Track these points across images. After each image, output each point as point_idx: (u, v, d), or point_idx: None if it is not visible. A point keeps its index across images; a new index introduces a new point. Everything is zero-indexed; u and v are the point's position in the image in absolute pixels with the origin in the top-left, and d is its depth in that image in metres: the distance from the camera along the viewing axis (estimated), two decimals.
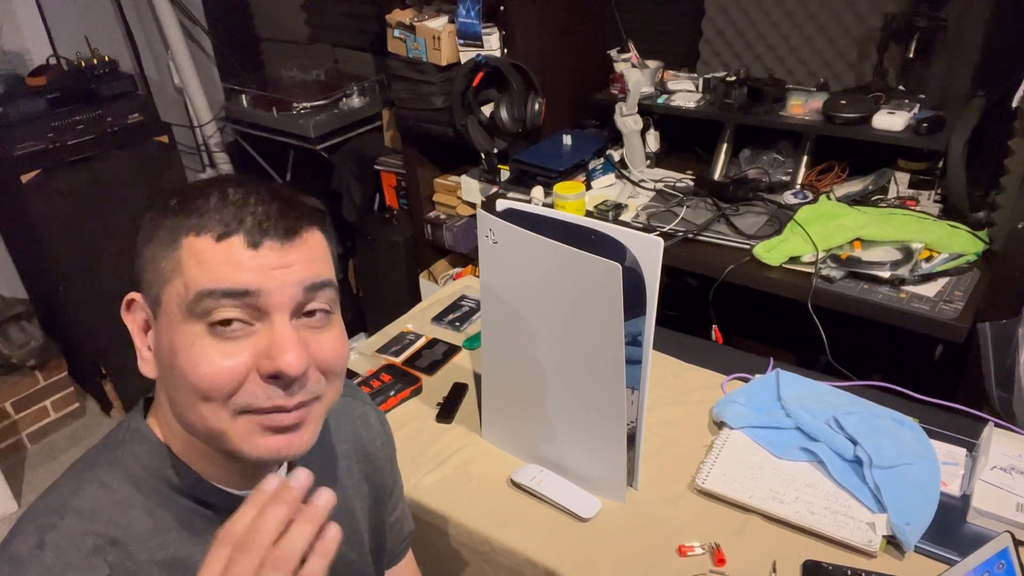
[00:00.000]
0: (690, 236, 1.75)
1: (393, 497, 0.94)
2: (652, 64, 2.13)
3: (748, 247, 1.68)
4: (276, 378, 0.60)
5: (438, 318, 1.57)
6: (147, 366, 0.65)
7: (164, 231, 0.62)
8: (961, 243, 1.56)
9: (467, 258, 2.53)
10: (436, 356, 1.44)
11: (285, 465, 0.74)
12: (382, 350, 1.47)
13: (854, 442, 1.11)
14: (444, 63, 2.09)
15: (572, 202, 1.85)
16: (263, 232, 0.61)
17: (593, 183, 2.03)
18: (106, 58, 2.47)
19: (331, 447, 0.83)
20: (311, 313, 0.63)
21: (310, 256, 0.63)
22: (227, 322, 0.59)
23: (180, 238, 0.61)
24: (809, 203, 1.78)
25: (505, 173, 2.19)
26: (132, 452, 0.67)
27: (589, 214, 1.89)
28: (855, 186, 1.86)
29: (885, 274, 1.51)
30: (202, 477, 0.67)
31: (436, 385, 1.37)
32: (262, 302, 0.60)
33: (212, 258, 0.60)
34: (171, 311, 0.61)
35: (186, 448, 0.67)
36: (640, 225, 1.81)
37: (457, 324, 1.54)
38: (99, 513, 0.63)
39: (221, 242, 0.60)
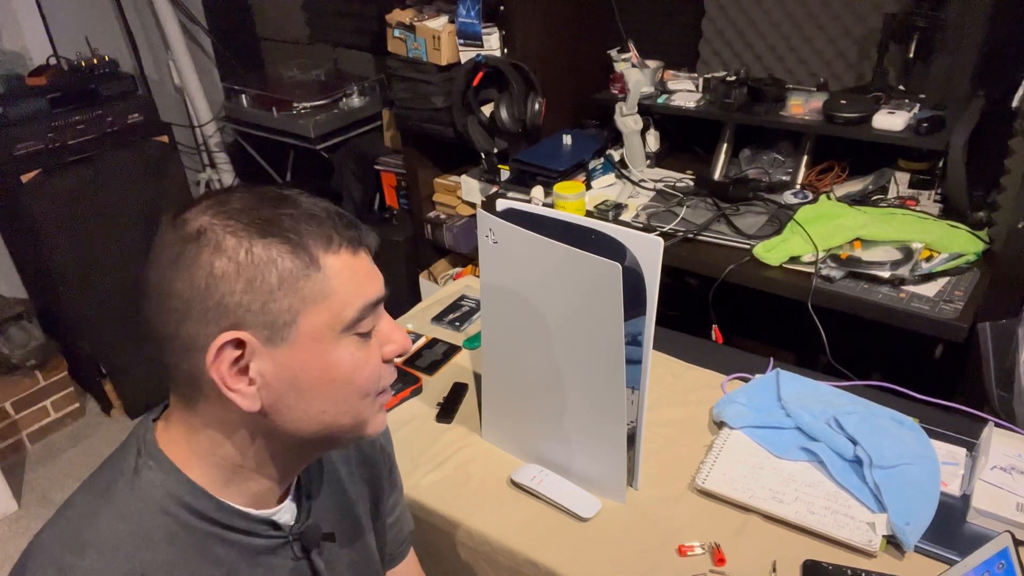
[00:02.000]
0: (690, 236, 1.75)
1: (391, 498, 0.94)
2: (652, 64, 2.13)
3: (748, 247, 1.68)
4: (391, 360, 0.69)
5: (438, 318, 1.57)
6: (249, 400, 0.62)
7: (285, 257, 0.59)
8: (961, 243, 1.56)
9: (467, 258, 2.53)
10: (436, 356, 1.44)
11: (295, 481, 0.75)
12: None
13: (854, 442, 1.11)
14: (444, 63, 2.09)
15: (572, 202, 1.85)
16: (362, 238, 0.66)
17: (593, 183, 2.03)
18: (106, 58, 2.47)
19: (333, 453, 0.83)
20: None
21: None
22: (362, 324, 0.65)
23: (318, 258, 0.61)
24: (809, 203, 1.78)
25: (505, 173, 2.19)
26: (149, 480, 0.64)
27: (589, 214, 1.89)
28: (855, 186, 1.86)
29: (885, 274, 1.51)
30: (220, 499, 0.66)
31: (436, 385, 1.37)
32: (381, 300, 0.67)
33: (358, 271, 0.64)
34: (319, 333, 0.62)
35: (203, 474, 0.65)
36: (640, 225, 1.81)
37: (457, 324, 1.54)
38: (120, 548, 0.61)
39: (356, 255, 0.64)
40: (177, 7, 2.83)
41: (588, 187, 2.00)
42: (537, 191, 1.98)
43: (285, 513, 0.73)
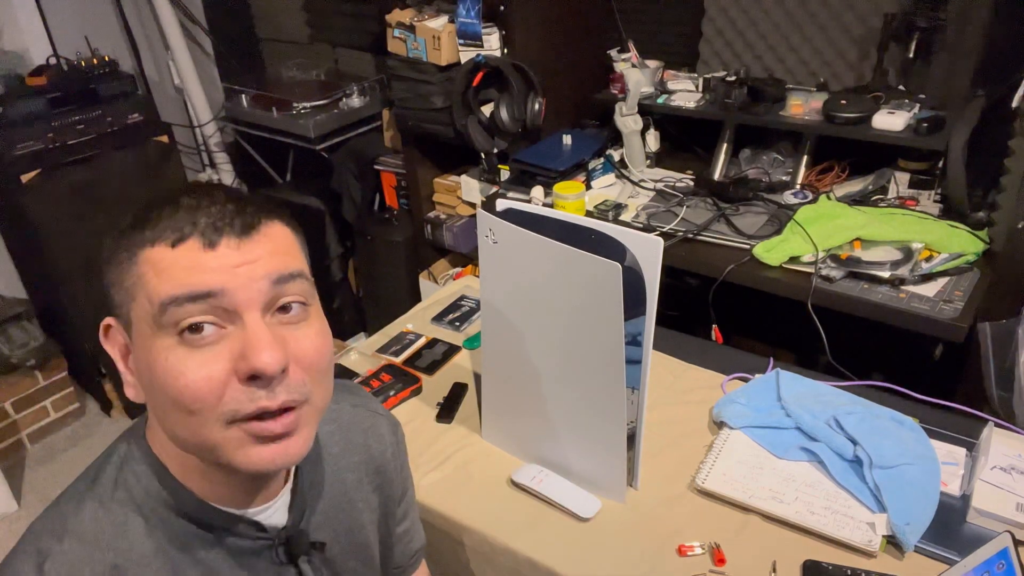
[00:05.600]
0: (690, 236, 1.75)
1: (402, 506, 0.91)
2: (652, 64, 2.13)
3: (748, 247, 1.68)
4: (256, 379, 0.58)
5: (438, 318, 1.57)
6: (131, 390, 0.63)
7: (122, 250, 0.61)
8: (961, 243, 1.56)
9: (467, 258, 2.54)
10: (436, 356, 1.44)
11: (291, 480, 0.73)
12: (382, 350, 1.47)
13: (854, 442, 1.11)
14: (444, 63, 2.09)
15: (572, 202, 1.85)
16: (218, 231, 0.58)
17: (593, 183, 2.03)
18: (106, 58, 2.47)
19: (341, 460, 0.81)
20: (286, 308, 0.61)
21: (274, 249, 0.61)
22: (197, 329, 0.57)
23: (137, 253, 0.59)
24: (809, 203, 1.78)
25: (505, 173, 2.19)
26: (132, 472, 0.65)
27: (589, 214, 1.89)
28: (855, 186, 1.86)
29: (885, 274, 1.51)
30: (200, 498, 0.65)
31: (436, 385, 1.37)
32: (229, 302, 0.57)
33: (170, 265, 0.58)
34: (142, 329, 0.59)
35: (183, 468, 0.65)
36: (640, 225, 1.81)
37: (457, 324, 1.54)
38: (99, 537, 0.62)
39: (177, 248, 0.58)
40: (177, 7, 2.83)
41: (588, 187, 2.00)
42: (537, 191, 1.98)
43: (275, 514, 0.71)
